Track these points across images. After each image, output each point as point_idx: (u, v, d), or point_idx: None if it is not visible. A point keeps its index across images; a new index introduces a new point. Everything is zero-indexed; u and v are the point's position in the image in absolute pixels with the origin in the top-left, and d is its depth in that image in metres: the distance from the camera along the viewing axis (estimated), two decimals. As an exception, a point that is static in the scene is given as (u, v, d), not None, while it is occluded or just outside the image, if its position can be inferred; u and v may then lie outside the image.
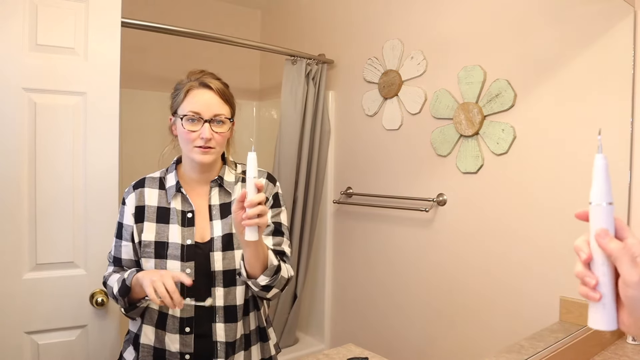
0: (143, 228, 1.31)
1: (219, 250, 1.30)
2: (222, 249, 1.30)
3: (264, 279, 1.24)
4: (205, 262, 1.29)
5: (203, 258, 1.29)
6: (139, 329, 1.33)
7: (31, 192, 1.51)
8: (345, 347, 1.54)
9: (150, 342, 1.30)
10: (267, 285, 1.25)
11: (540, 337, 1.52)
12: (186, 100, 1.28)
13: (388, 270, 2.39)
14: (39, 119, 1.51)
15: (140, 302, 1.27)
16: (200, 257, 1.29)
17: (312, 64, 2.64)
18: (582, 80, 1.73)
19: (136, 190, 1.35)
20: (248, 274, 1.25)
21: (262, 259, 1.22)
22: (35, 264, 1.52)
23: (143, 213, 1.32)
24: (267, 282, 1.24)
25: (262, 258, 1.22)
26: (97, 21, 1.58)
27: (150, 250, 1.28)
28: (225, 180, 1.38)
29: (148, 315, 1.31)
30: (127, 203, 1.34)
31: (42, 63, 1.51)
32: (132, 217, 1.32)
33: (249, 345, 1.37)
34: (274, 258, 1.26)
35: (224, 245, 1.31)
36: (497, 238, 1.93)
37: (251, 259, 1.21)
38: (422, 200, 2.19)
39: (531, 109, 1.83)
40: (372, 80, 2.48)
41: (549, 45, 1.80)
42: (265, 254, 1.23)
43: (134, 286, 1.24)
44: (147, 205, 1.32)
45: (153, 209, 1.32)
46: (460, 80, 2.04)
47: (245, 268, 1.25)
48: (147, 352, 1.30)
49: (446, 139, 2.10)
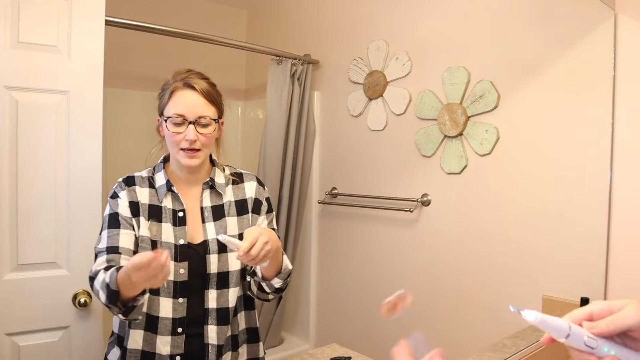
0: (140, 223, 1.28)
1: (215, 253, 1.30)
2: (217, 251, 1.31)
3: (278, 282, 1.29)
4: (200, 264, 1.29)
5: (197, 259, 1.29)
6: (124, 330, 1.31)
7: (12, 191, 1.49)
8: (330, 347, 1.54)
9: (138, 346, 1.27)
10: (279, 289, 1.31)
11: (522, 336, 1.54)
12: (171, 102, 1.27)
13: (372, 270, 2.39)
14: (20, 117, 1.49)
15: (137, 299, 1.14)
16: (194, 259, 1.29)
17: (298, 64, 2.64)
18: (564, 81, 1.76)
19: (128, 187, 1.31)
20: (263, 276, 1.29)
21: (278, 264, 1.28)
22: (16, 265, 1.50)
23: (138, 208, 1.29)
24: (281, 285, 1.29)
25: (278, 263, 1.27)
26: (80, 19, 1.57)
27: (146, 246, 1.26)
28: (217, 182, 1.37)
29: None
30: (121, 196, 1.29)
31: (25, 61, 1.49)
32: (129, 209, 1.28)
33: (237, 346, 1.37)
34: (288, 263, 1.32)
35: (219, 247, 1.31)
36: (481, 238, 1.95)
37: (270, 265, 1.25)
38: (407, 200, 2.20)
39: (514, 110, 1.86)
40: (357, 81, 2.49)
41: (532, 46, 1.82)
42: (281, 260, 1.28)
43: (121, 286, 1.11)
44: (140, 202, 1.30)
45: (145, 207, 1.30)
46: (444, 81, 2.06)
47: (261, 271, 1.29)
48: (134, 356, 1.27)
49: (430, 140, 2.11)
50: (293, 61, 2.62)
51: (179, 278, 1.27)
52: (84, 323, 1.60)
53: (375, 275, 2.38)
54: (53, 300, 1.56)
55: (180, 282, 1.27)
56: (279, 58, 2.61)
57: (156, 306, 1.27)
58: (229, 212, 1.36)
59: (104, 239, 1.26)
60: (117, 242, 1.25)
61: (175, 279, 1.27)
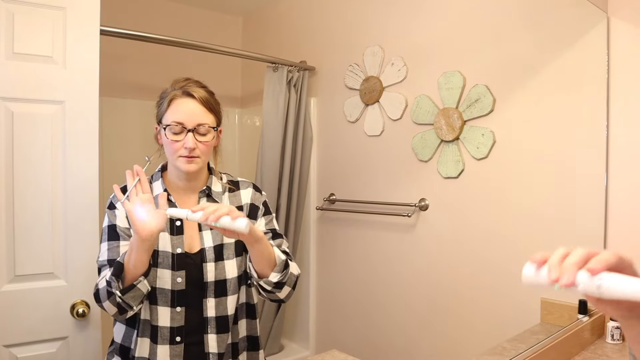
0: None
1: (212, 261, 1.30)
2: (214, 259, 1.30)
3: (276, 275, 1.26)
4: (197, 273, 1.28)
5: (194, 268, 1.29)
6: (126, 339, 1.31)
7: (9, 202, 1.48)
8: (329, 353, 1.54)
9: (145, 354, 1.26)
10: (279, 282, 1.27)
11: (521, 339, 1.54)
12: (170, 110, 1.27)
13: (372, 276, 2.39)
14: (16, 128, 1.49)
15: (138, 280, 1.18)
16: (191, 267, 1.29)
17: (294, 71, 2.64)
18: (559, 84, 1.77)
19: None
20: (259, 275, 1.27)
21: (268, 257, 1.25)
22: (13, 276, 1.50)
23: None
24: (279, 278, 1.26)
25: (268, 256, 1.25)
26: (75, 29, 1.57)
27: None
28: (213, 190, 1.37)
29: (142, 328, 1.28)
30: (118, 207, 1.30)
31: (20, 71, 1.49)
32: (126, 220, 1.28)
33: (237, 354, 1.37)
34: (280, 254, 1.29)
35: (216, 255, 1.31)
36: (479, 242, 1.95)
37: (257, 257, 1.24)
38: (405, 205, 2.20)
39: (510, 114, 1.86)
40: (353, 87, 2.50)
41: (526, 50, 1.83)
42: (271, 252, 1.26)
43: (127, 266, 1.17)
44: None
45: None
46: (440, 86, 2.06)
47: (254, 270, 1.27)
48: None
49: (427, 144, 2.12)
50: (289, 68, 2.62)
51: (176, 287, 1.27)
52: (83, 333, 1.60)
53: (374, 280, 2.38)
54: (51, 311, 1.55)
55: (178, 291, 1.27)
56: (275, 65, 2.61)
57: (155, 315, 1.26)
58: None
59: (104, 252, 1.28)
60: (117, 254, 1.27)
61: (173, 288, 1.26)
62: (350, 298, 2.52)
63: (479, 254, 1.95)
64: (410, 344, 2.20)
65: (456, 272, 2.02)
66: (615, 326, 1.63)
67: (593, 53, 1.77)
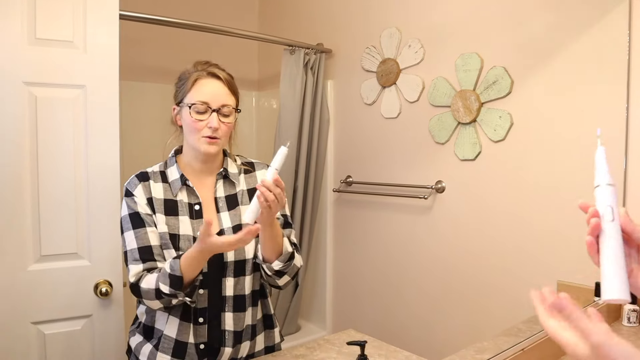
0: (157, 219, 1.29)
1: None
2: None
3: (278, 264, 1.28)
4: (218, 254, 1.29)
5: None
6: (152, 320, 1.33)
7: (34, 184, 1.53)
8: (346, 333, 1.56)
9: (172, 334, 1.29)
10: (279, 271, 1.29)
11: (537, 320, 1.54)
12: (194, 90, 1.28)
13: (388, 257, 2.41)
14: (39, 112, 1.52)
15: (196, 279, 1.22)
16: None
17: (311, 53, 2.64)
18: (578, 65, 1.74)
19: (142, 182, 1.32)
20: (263, 258, 1.30)
21: (277, 243, 1.27)
22: (39, 256, 1.55)
23: (153, 205, 1.30)
24: (281, 268, 1.28)
25: (277, 242, 1.27)
26: (95, 14, 1.59)
27: (165, 242, 1.28)
28: (230, 172, 1.39)
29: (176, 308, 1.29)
30: (137, 194, 1.30)
31: (42, 57, 1.52)
32: (147, 206, 1.29)
33: (254, 335, 1.40)
34: (289, 245, 1.31)
35: None
36: (495, 224, 1.95)
37: (267, 241, 1.26)
38: (421, 187, 2.21)
39: (528, 96, 1.84)
40: (370, 69, 2.49)
41: (545, 31, 1.81)
42: (281, 241, 1.28)
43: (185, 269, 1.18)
44: (155, 197, 1.31)
45: (160, 202, 1.31)
46: (457, 68, 2.05)
47: (261, 252, 1.30)
48: (167, 343, 1.29)
49: (444, 127, 2.11)
50: (306, 50, 2.62)
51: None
52: (106, 312, 1.65)
53: (390, 262, 2.40)
54: (75, 290, 1.60)
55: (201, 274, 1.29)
56: (292, 48, 2.61)
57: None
58: (242, 201, 1.38)
59: (132, 240, 1.27)
60: (147, 241, 1.27)
61: None
62: (366, 279, 2.54)
63: (495, 236, 1.95)
64: (426, 325, 2.22)
65: (472, 253, 2.03)
66: (632, 309, 1.63)
67: (614, 34, 1.74)
